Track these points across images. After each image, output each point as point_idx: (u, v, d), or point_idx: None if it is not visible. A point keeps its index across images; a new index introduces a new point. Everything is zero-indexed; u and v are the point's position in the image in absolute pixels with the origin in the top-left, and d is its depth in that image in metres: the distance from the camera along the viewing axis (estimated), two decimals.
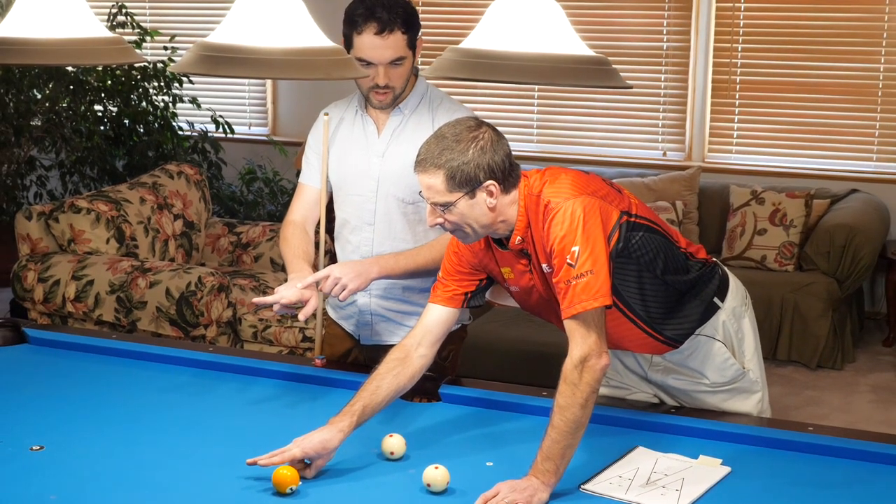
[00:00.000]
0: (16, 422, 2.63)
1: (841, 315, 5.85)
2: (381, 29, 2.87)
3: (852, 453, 2.47)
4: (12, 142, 6.72)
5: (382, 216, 3.04)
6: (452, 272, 2.63)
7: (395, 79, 2.94)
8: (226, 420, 2.68)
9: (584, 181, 2.46)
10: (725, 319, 2.68)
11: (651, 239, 2.53)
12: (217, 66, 2.22)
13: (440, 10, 7.13)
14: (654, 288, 2.56)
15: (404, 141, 3.01)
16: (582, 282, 2.32)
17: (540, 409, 2.69)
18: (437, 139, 2.41)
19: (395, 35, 2.89)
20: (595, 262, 2.32)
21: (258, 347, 4.92)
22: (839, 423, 4.87)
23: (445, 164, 2.37)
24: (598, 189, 2.46)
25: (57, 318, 4.99)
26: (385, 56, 2.90)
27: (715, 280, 2.68)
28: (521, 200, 2.45)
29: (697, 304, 2.64)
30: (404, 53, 2.93)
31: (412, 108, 3.04)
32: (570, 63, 2.10)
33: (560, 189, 2.42)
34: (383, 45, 2.89)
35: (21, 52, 2.36)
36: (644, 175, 6.56)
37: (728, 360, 2.68)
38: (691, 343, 2.67)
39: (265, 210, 7.16)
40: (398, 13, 2.88)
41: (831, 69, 6.45)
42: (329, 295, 2.90)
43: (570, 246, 2.34)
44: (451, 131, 2.41)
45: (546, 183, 2.45)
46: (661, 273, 2.56)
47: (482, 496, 2.22)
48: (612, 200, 2.47)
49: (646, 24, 6.77)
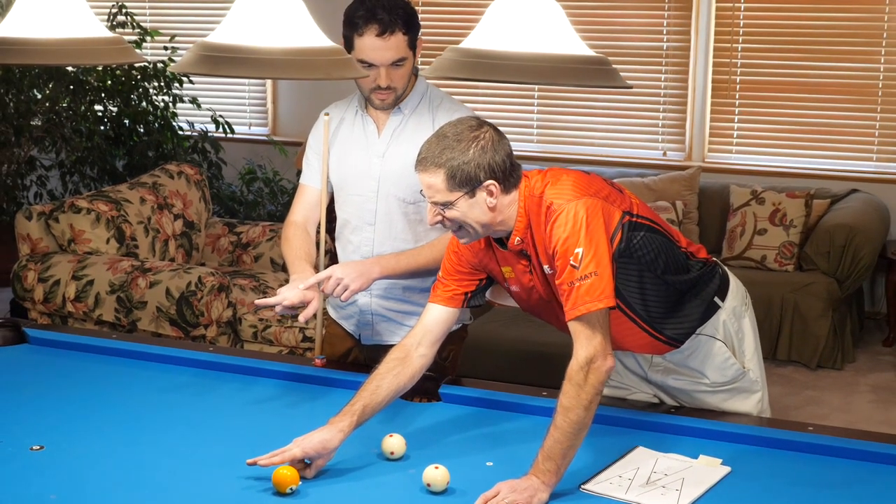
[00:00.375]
0: (16, 422, 2.62)
1: (841, 315, 5.85)
2: (382, 30, 2.87)
3: (852, 453, 2.47)
4: (12, 142, 6.72)
5: (383, 216, 3.04)
6: (452, 272, 2.63)
7: (396, 79, 2.94)
8: (226, 420, 2.68)
9: (585, 182, 2.46)
10: (726, 319, 2.68)
11: (652, 239, 2.53)
12: (217, 66, 2.22)
13: (440, 10, 7.13)
14: (655, 288, 2.56)
15: (405, 141, 3.01)
16: (586, 283, 2.32)
17: (540, 409, 2.69)
18: (438, 138, 2.42)
19: (397, 36, 2.88)
20: (598, 264, 2.33)
21: (258, 347, 4.92)
22: (839, 423, 4.87)
23: (446, 164, 2.38)
24: (599, 189, 2.46)
25: (57, 318, 4.99)
26: (387, 57, 2.90)
27: (715, 280, 2.68)
28: (522, 201, 2.45)
29: (698, 303, 2.64)
30: (405, 54, 2.93)
31: (412, 107, 3.04)
32: (570, 63, 2.10)
33: (562, 190, 2.42)
34: (385, 47, 2.88)
35: (21, 52, 2.36)
36: (644, 175, 6.56)
37: (728, 359, 2.68)
38: (692, 343, 2.67)
39: (265, 210, 7.16)
40: (399, 14, 2.88)
41: (831, 69, 6.45)
42: (330, 295, 2.90)
43: (573, 247, 2.34)
44: (453, 131, 2.42)
45: (548, 184, 2.45)
46: (661, 273, 2.56)
47: (482, 496, 2.22)
48: (614, 201, 2.47)
49: (646, 24, 6.77)
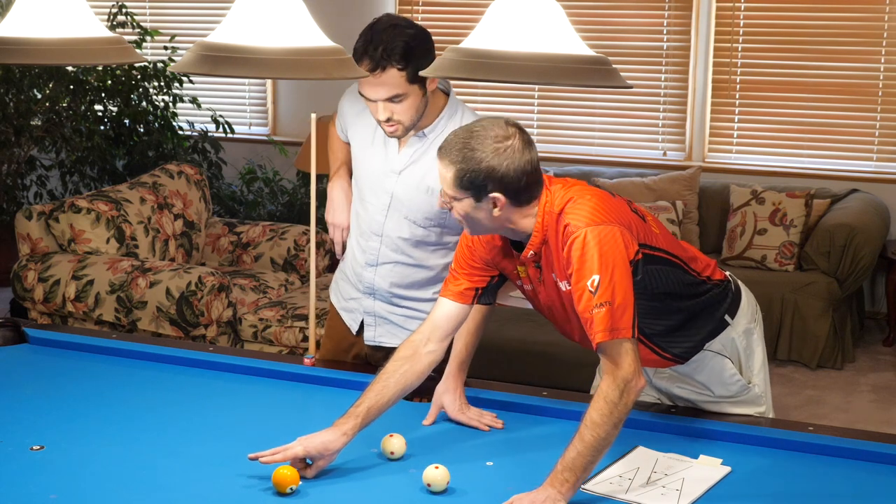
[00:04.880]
0: (16, 421, 2.62)
1: (841, 315, 5.85)
2: (373, 66, 2.74)
3: (852, 453, 2.47)
4: (12, 142, 6.72)
5: (390, 231, 3.00)
6: (465, 266, 2.56)
7: (399, 113, 2.81)
8: (226, 420, 2.67)
9: (607, 208, 2.36)
10: (735, 336, 2.65)
11: (666, 272, 2.47)
12: (217, 66, 2.21)
13: (440, 10, 7.13)
14: (664, 313, 2.53)
15: (424, 164, 2.92)
16: (601, 312, 2.25)
17: (540, 409, 2.70)
18: (465, 132, 2.35)
19: (390, 73, 2.75)
20: (614, 293, 2.26)
21: (258, 347, 4.92)
22: (839, 423, 4.88)
23: (458, 162, 2.32)
24: (622, 216, 2.37)
25: (57, 317, 4.99)
26: (379, 93, 2.78)
27: (727, 299, 2.64)
28: (541, 217, 2.38)
29: (706, 322, 2.61)
30: (402, 90, 2.78)
31: (438, 132, 2.91)
32: (570, 63, 2.09)
33: (582, 213, 2.33)
34: (376, 83, 2.76)
35: (21, 52, 2.35)
36: (644, 175, 6.56)
37: (734, 375, 2.66)
38: (698, 357, 2.64)
39: (265, 210, 7.16)
40: (395, 48, 2.73)
41: (831, 69, 6.45)
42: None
43: (589, 274, 2.27)
44: (480, 129, 2.33)
45: (570, 201, 2.36)
46: (672, 300, 2.52)
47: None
48: (633, 229, 2.38)
49: (646, 24, 6.77)
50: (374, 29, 2.79)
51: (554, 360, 4.67)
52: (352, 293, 3.17)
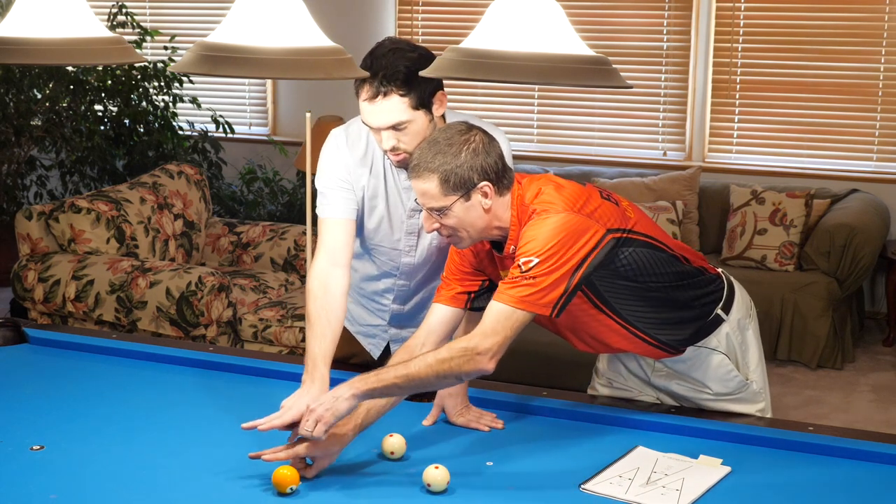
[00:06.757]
0: (16, 421, 2.62)
1: (841, 315, 5.86)
2: (373, 94, 2.60)
3: (852, 453, 2.47)
4: (12, 142, 6.73)
5: (421, 264, 2.95)
6: (455, 272, 2.63)
7: (404, 141, 2.65)
8: (226, 420, 2.67)
9: (574, 197, 2.44)
10: (729, 332, 2.67)
11: (644, 254, 2.51)
12: (217, 66, 2.21)
13: (440, 10, 7.13)
14: (647, 300, 2.55)
15: None
16: (522, 284, 2.34)
17: (540, 409, 2.70)
18: (430, 144, 2.42)
19: (391, 100, 2.60)
20: (546, 275, 2.34)
21: (258, 347, 4.92)
22: (839, 423, 4.88)
23: (439, 168, 2.38)
24: (587, 204, 2.43)
25: (57, 317, 4.99)
26: (380, 121, 2.63)
27: (719, 293, 2.68)
28: (514, 209, 2.46)
29: (696, 314, 2.64)
30: (405, 117, 2.62)
31: None
32: (570, 63, 2.09)
33: (548, 200, 2.42)
34: (376, 111, 2.61)
35: (21, 52, 2.35)
36: (644, 175, 6.56)
37: (731, 371, 2.68)
38: (694, 354, 2.66)
39: (265, 210, 7.16)
40: (397, 75, 2.58)
41: (831, 69, 6.45)
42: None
43: (530, 253, 2.35)
44: (443, 136, 2.42)
45: (538, 192, 2.45)
46: (654, 286, 2.54)
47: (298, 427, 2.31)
48: (601, 217, 2.43)
49: (646, 24, 6.77)
50: (374, 54, 2.65)
51: (554, 360, 4.67)
52: (371, 320, 3.11)
